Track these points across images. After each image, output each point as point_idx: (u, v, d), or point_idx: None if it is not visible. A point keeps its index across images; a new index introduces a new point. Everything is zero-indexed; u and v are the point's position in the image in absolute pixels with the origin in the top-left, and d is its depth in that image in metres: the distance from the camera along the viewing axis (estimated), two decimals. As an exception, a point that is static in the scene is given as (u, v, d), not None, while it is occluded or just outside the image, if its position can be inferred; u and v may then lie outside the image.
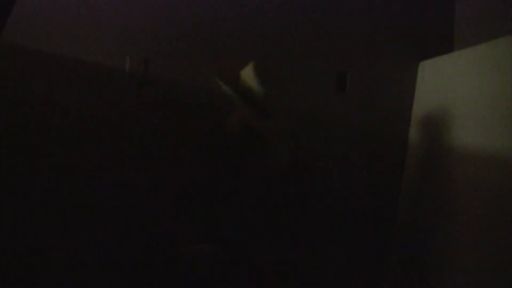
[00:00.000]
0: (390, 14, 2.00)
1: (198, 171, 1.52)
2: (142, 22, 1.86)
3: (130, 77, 1.85)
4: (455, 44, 2.00)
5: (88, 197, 1.83)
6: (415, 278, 1.79)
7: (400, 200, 2.01)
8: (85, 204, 1.83)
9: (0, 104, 1.76)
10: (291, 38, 1.95)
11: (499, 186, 1.34)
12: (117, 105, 1.85)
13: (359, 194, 2.00)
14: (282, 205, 1.49)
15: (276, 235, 1.49)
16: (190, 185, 1.53)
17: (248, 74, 1.44)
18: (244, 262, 1.44)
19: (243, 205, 1.46)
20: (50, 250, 1.81)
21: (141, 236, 1.84)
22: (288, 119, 1.45)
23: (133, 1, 1.86)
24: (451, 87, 1.71)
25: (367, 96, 2.00)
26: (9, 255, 1.77)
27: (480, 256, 1.40)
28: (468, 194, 1.50)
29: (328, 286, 1.98)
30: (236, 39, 1.92)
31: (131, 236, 1.85)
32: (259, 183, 1.47)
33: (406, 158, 2.00)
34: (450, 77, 1.73)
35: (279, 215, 1.50)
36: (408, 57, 2.01)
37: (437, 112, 1.79)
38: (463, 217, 1.52)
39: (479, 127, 1.49)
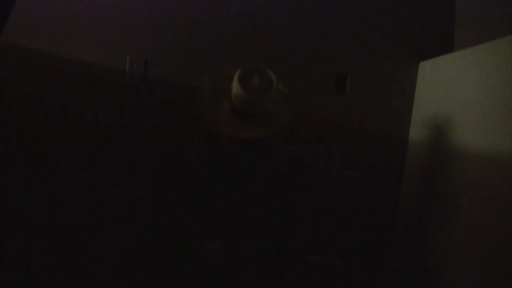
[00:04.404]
0: (390, 15, 2.00)
1: (197, 170, 1.52)
2: (142, 23, 1.86)
3: (130, 77, 1.85)
4: (455, 44, 2.00)
5: (89, 197, 1.83)
6: (415, 278, 1.79)
7: (400, 201, 2.00)
8: (85, 203, 1.83)
9: (0, 104, 1.76)
10: (291, 39, 1.95)
11: (499, 186, 1.34)
12: (117, 105, 1.85)
13: (359, 194, 2.00)
14: (281, 204, 1.50)
15: (274, 235, 1.49)
16: (189, 184, 1.53)
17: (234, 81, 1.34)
18: (242, 260, 1.44)
19: (242, 203, 1.47)
20: (50, 249, 1.81)
21: (141, 235, 1.84)
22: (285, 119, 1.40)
23: (133, 2, 1.86)
24: (451, 87, 1.71)
25: (367, 97, 1.99)
26: (8, 255, 1.77)
27: (480, 256, 1.40)
28: (468, 194, 1.50)
29: (327, 286, 1.97)
30: (236, 40, 1.91)
31: (131, 235, 1.85)
32: (259, 181, 1.47)
33: (406, 159, 2.00)
34: (450, 77, 1.73)
35: (278, 214, 1.50)
36: (408, 57, 2.01)
37: (437, 112, 1.79)
38: (463, 217, 1.52)
39: (479, 127, 1.48)
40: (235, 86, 1.28)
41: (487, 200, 1.40)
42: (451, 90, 1.71)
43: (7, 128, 1.77)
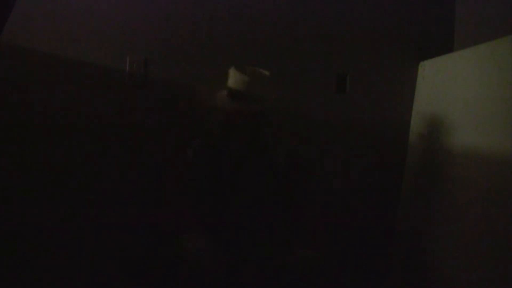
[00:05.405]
0: (390, 15, 2.00)
1: (196, 170, 1.52)
2: (142, 23, 1.86)
3: (130, 78, 1.85)
4: (455, 44, 2.00)
5: (88, 196, 1.83)
6: (415, 278, 1.79)
7: (400, 200, 2.00)
8: (85, 203, 1.83)
9: (0, 104, 1.76)
10: (291, 40, 1.95)
11: (499, 186, 1.34)
12: (117, 105, 1.85)
13: (359, 194, 2.00)
14: (280, 203, 1.50)
15: (273, 234, 1.49)
16: (189, 184, 1.53)
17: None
18: (241, 260, 1.44)
19: (240, 202, 1.47)
20: (50, 248, 1.81)
21: (141, 235, 1.84)
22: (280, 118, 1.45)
23: (133, 2, 1.86)
24: (451, 87, 1.71)
25: (367, 97, 2.00)
26: (8, 255, 1.77)
27: (480, 256, 1.40)
28: (468, 194, 1.50)
29: (327, 286, 1.97)
30: (236, 40, 1.91)
31: (130, 235, 1.85)
32: (257, 181, 1.48)
33: (406, 159, 2.00)
34: (450, 77, 1.73)
35: (277, 214, 1.50)
36: (408, 57, 2.01)
37: (437, 112, 1.79)
38: (463, 217, 1.52)
39: (479, 127, 1.49)
40: (233, 72, 1.51)
41: (487, 200, 1.40)
42: (451, 90, 1.71)
43: (7, 128, 1.77)
